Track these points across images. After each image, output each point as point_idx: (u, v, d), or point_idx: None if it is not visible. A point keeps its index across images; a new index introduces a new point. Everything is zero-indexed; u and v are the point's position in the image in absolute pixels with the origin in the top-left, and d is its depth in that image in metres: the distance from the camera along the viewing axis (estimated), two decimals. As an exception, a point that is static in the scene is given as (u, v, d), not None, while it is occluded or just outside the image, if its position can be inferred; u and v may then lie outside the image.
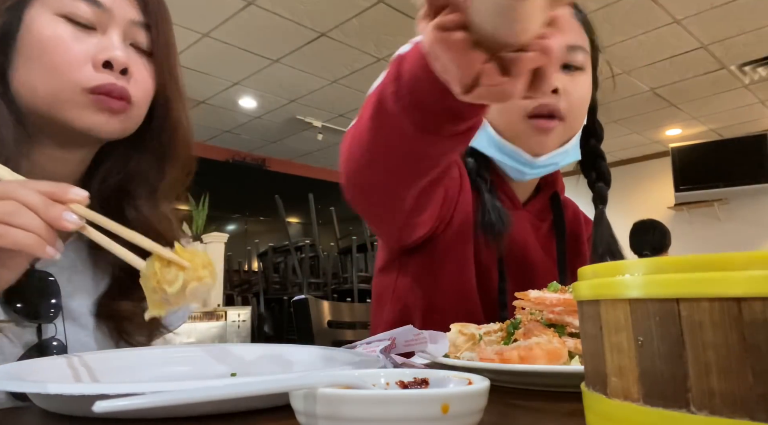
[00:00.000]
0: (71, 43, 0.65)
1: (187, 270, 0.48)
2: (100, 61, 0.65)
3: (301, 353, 0.65)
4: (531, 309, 0.65)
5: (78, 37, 0.66)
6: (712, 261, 0.26)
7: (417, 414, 0.30)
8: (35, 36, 0.65)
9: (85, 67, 0.65)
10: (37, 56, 0.65)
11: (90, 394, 0.37)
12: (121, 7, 0.68)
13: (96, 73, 0.66)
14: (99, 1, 0.67)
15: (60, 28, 0.65)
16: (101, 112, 0.66)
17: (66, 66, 0.65)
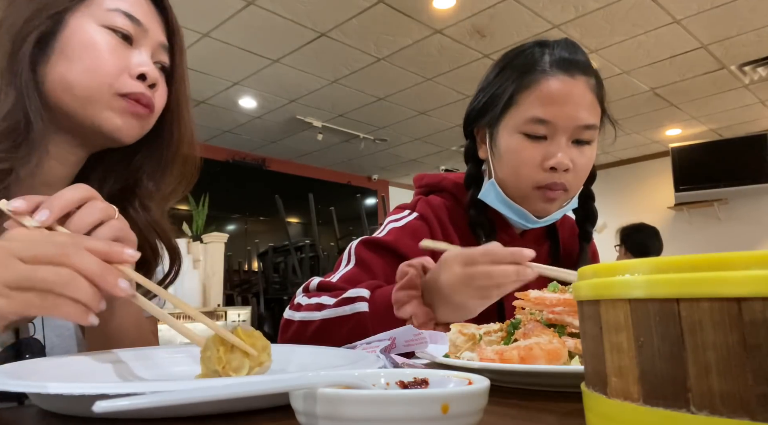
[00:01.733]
0: (112, 52, 0.71)
1: (250, 356, 0.49)
2: (136, 73, 0.72)
3: (300, 353, 0.65)
4: (531, 309, 0.65)
5: (117, 47, 0.72)
6: (712, 261, 0.26)
7: (417, 414, 0.30)
8: (79, 38, 0.70)
9: (122, 74, 0.72)
10: (78, 57, 0.70)
11: (90, 394, 0.37)
12: (154, 28, 0.76)
13: (131, 81, 0.72)
14: (138, 19, 0.74)
15: (103, 37, 0.71)
16: (129, 116, 0.73)
17: (106, 70, 0.70)
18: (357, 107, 5.04)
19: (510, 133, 0.96)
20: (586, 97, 0.94)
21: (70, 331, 0.74)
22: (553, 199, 0.96)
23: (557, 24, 3.57)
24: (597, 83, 0.97)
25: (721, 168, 5.89)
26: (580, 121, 0.93)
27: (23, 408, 0.51)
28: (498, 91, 0.98)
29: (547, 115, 0.92)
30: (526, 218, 0.99)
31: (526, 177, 0.95)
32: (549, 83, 0.93)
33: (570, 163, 0.93)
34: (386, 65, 4.12)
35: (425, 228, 1.00)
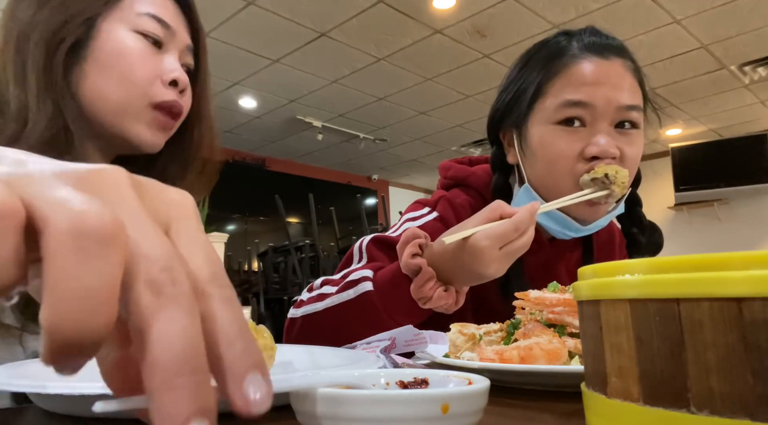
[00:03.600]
0: (144, 58, 0.71)
1: None
2: (168, 79, 0.72)
3: (300, 353, 0.65)
4: (531, 309, 0.65)
5: (148, 52, 0.72)
6: (712, 261, 0.26)
7: (417, 415, 0.30)
8: (112, 46, 0.70)
9: (156, 82, 0.72)
10: (112, 65, 0.70)
11: (90, 394, 0.37)
12: (181, 31, 0.77)
13: (164, 89, 0.72)
14: (167, 23, 0.74)
15: (135, 42, 0.71)
16: (158, 130, 0.73)
17: (141, 78, 0.70)
18: (357, 107, 5.04)
19: (541, 125, 0.85)
20: (625, 77, 0.84)
21: None
22: (600, 201, 0.82)
23: (557, 24, 3.57)
24: (635, 66, 0.88)
25: (721, 168, 5.89)
26: (622, 101, 0.82)
27: (23, 408, 0.51)
28: (523, 85, 0.89)
29: (583, 96, 0.81)
30: (567, 226, 0.86)
31: (565, 172, 0.82)
32: (581, 65, 0.83)
33: (617, 151, 0.81)
34: (386, 65, 4.12)
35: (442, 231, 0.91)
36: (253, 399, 0.22)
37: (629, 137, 0.84)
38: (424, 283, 0.72)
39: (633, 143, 0.84)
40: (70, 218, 0.17)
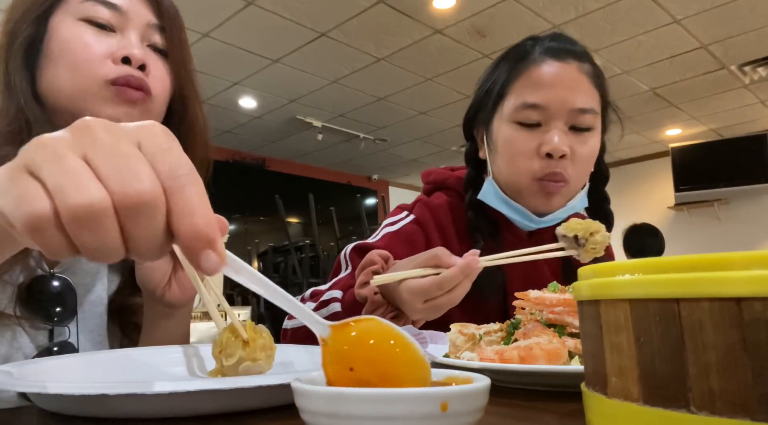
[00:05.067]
0: (92, 42, 0.69)
1: (246, 349, 0.50)
2: (119, 57, 0.70)
3: (300, 352, 0.65)
4: (531, 309, 0.65)
5: (98, 37, 0.70)
6: (712, 261, 0.26)
7: (416, 412, 0.30)
8: (58, 39, 0.69)
9: (105, 62, 0.69)
10: (60, 56, 0.69)
11: (90, 394, 0.37)
12: (138, 10, 0.73)
13: (115, 66, 0.69)
14: (116, 5, 0.71)
15: (82, 30, 0.69)
16: (122, 104, 0.70)
17: (88, 62, 0.68)
18: (357, 107, 5.03)
19: (503, 124, 0.93)
20: (580, 80, 0.90)
21: (102, 337, 0.76)
22: (553, 193, 0.90)
23: (557, 24, 3.57)
24: (594, 71, 0.93)
25: (721, 168, 5.89)
26: (574, 104, 0.88)
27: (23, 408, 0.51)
28: (491, 85, 0.97)
29: (538, 99, 0.89)
30: (526, 217, 0.94)
31: (522, 167, 0.90)
32: (539, 68, 0.90)
33: (567, 149, 0.88)
34: (386, 65, 4.12)
35: (420, 233, 0.97)
36: (207, 268, 0.30)
37: (582, 137, 0.90)
38: (372, 312, 0.75)
39: (585, 143, 0.90)
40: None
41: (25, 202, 0.28)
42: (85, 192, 0.27)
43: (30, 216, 0.28)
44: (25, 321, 0.68)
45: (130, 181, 0.28)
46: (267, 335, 0.53)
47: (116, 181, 0.28)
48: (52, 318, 0.69)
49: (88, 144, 0.29)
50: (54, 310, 0.69)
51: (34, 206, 0.28)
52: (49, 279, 0.69)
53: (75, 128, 0.30)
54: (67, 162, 0.28)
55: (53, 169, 0.28)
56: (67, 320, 0.71)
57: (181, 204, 0.29)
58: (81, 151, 0.29)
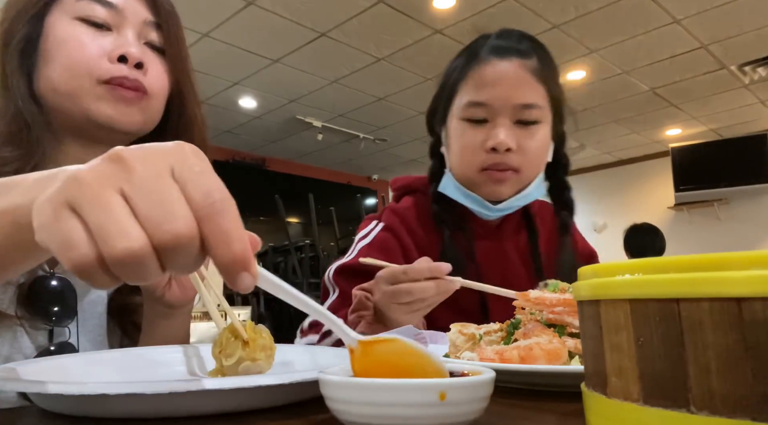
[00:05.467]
0: (88, 41, 0.69)
1: (246, 349, 0.50)
2: (115, 55, 0.69)
3: (300, 353, 0.65)
4: (531, 309, 0.65)
5: (94, 36, 0.70)
6: (712, 261, 0.26)
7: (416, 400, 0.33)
8: (54, 38, 0.69)
9: (101, 61, 0.69)
10: (56, 56, 0.68)
11: (90, 394, 0.37)
12: (134, 8, 0.72)
13: (111, 65, 0.69)
14: (112, 3, 0.71)
15: (77, 29, 0.69)
16: (117, 102, 0.69)
17: (83, 61, 0.68)
18: (357, 107, 5.03)
19: (454, 120, 0.99)
20: (523, 77, 0.94)
21: (102, 337, 0.76)
22: (502, 180, 0.95)
23: (557, 24, 3.57)
24: (540, 66, 0.96)
25: (721, 168, 5.89)
26: (517, 100, 0.93)
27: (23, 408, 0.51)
28: (445, 84, 1.03)
29: (482, 97, 0.94)
30: (482, 205, 0.99)
31: (470, 160, 0.96)
32: (483, 68, 0.96)
33: (511, 143, 0.92)
34: (386, 65, 4.12)
35: (392, 239, 1.02)
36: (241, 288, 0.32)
37: (528, 131, 0.95)
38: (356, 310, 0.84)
39: (532, 136, 0.95)
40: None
41: (71, 248, 0.29)
42: (126, 238, 0.29)
43: (76, 262, 0.29)
44: (26, 322, 0.67)
45: (168, 222, 0.30)
46: (267, 335, 0.53)
47: (154, 223, 0.30)
48: (52, 318, 0.69)
49: (124, 179, 0.31)
50: (54, 310, 0.69)
51: (80, 252, 0.29)
52: (49, 279, 0.69)
53: (110, 160, 0.31)
54: (107, 203, 0.30)
55: (95, 211, 0.30)
56: (67, 320, 0.70)
57: (218, 232, 0.31)
58: (118, 187, 0.30)
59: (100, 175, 0.31)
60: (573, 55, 3.99)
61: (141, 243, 0.29)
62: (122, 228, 0.29)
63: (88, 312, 0.75)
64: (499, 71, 0.94)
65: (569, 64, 4.15)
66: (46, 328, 0.69)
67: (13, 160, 0.65)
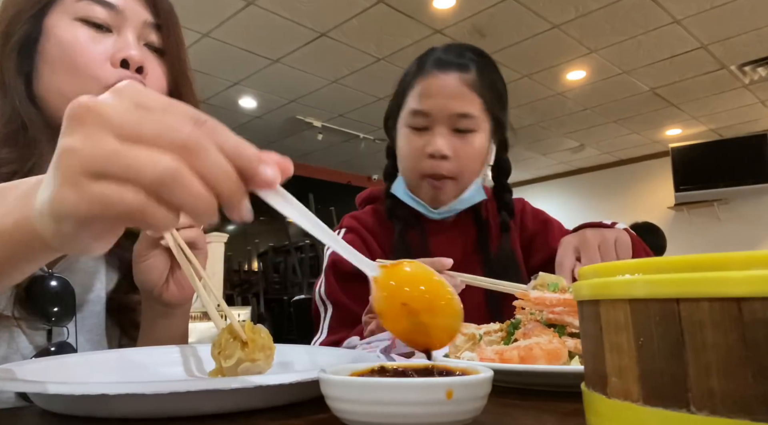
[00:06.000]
0: (90, 44, 0.69)
1: (245, 349, 0.50)
2: (117, 59, 0.69)
3: (300, 353, 0.65)
4: (531, 309, 0.65)
5: (95, 38, 0.69)
6: (712, 261, 0.26)
7: (424, 399, 0.34)
8: (56, 40, 0.68)
9: (104, 65, 0.69)
10: (59, 59, 0.68)
11: (90, 394, 0.37)
12: (134, 9, 0.72)
13: (114, 70, 0.69)
14: (113, 4, 0.70)
15: (78, 31, 0.69)
16: None
17: (87, 65, 0.68)
18: (357, 107, 5.03)
19: (402, 127, 1.07)
20: (460, 89, 1.02)
21: (100, 337, 0.76)
22: (439, 188, 1.03)
23: (557, 24, 3.57)
24: (479, 79, 1.04)
25: (721, 168, 5.88)
26: (453, 110, 1.01)
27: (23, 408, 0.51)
28: (397, 92, 1.12)
29: (423, 107, 1.02)
30: (425, 208, 1.06)
31: (412, 166, 1.05)
32: (426, 79, 1.04)
33: (447, 150, 1.00)
34: (386, 65, 4.12)
35: (356, 239, 1.09)
36: (270, 175, 0.33)
37: (464, 139, 1.03)
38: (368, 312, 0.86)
39: (467, 144, 1.03)
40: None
41: (118, 201, 0.30)
42: (154, 159, 0.30)
43: (129, 209, 0.30)
44: (24, 322, 0.67)
45: (175, 130, 0.31)
46: (266, 335, 0.53)
47: (165, 139, 0.31)
48: (51, 318, 0.69)
49: (105, 124, 0.31)
50: (52, 310, 0.69)
51: (128, 198, 0.30)
52: (47, 279, 0.69)
53: (78, 119, 0.32)
54: (114, 149, 0.30)
55: (111, 160, 0.30)
56: (65, 320, 0.70)
57: (223, 137, 0.32)
58: (110, 133, 0.31)
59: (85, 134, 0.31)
60: (573, 55, 3.99)
61: (167, 160, 0.30)
62: (144, 155, 0.30)
63: (87, 311, 0.75)
64: (439, 83, 1.03)
65: (569, 64, 4.15)
66: (45, 328, 0.69)
67: (10, 161, 0.65)
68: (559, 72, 4.27)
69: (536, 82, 4.45)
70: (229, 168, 0.32)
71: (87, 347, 0.73)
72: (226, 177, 0.32)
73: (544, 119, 5.33)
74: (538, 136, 5.86)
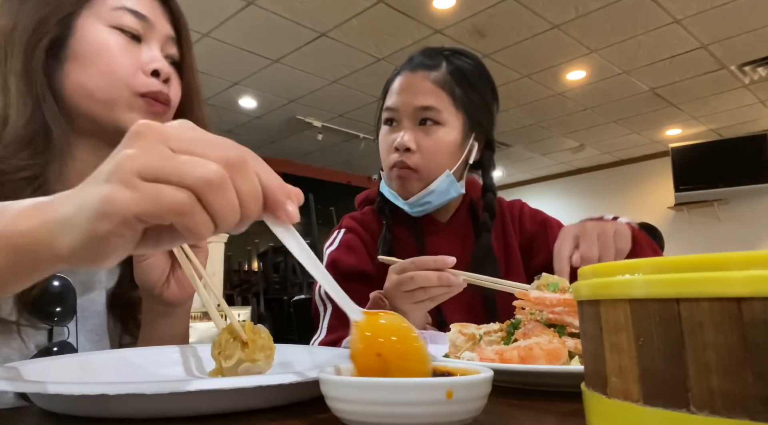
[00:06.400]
0: (124, 52, 0.72)
1: (245, 350, 0.51)
2: (149, 69, 0.72)
3: (300, 352, 0.65)
4: (531, 309, 0.65)
5: (128, 46, 0.72)
6: (712, 261, 0.26)
7: (424, 399, 0.34)
8: (90, 43, 0.70)
9: (137, 73, 0.72)
10: (93, 62, 0.70)
11: (90, 394, 0.37)
12: (160, 22, 0.76)
13: (146, 79, 0.72)
14: (145, 15, 0.73)
15: (113, 38, 0.71)
16: (148, 115, 0.73)
17: (122, 71, 0.71)
18: (357, 107, 5.03)
19: (381, 126, 1.14)
20: (423, 85, 1.08)
21: (101, 336, 0.76)
22: (402, 178, 1.07)
23: (557, 24, 3.57)
24: (448, 77, 1.09)
25: (721, 168, 5.88)
26: (417, 103, 1.07)
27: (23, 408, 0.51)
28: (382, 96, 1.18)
29: (391, 103, 1.10)
30: (397, 199, 1.11)
31: (384, 159, 1.11)
32: (397, 79, 1.12)
33: (410, 144, 1.05)
34: (386, 65, 4.12)
35: (355, 238, 1.13)
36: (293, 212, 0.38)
37: (427, 131, 1.07)
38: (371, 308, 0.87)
39: (429, 137, 1.07)
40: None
41: (166, 198, 0.34)
42: (203, 164, 0.34)
43: (175, 208, 0.34)
44: (25, 322, 0.67)
45: (222, 149, 0.36)
46: (266, 335, 0.53)
47: (213, 153, 0.35)
48: (52, 318, 0.69)
49: (162, 139, 0.35)
50: (53, 310, 0.69)
51: (176, 197, 0.34)
52: (49, 279, 0.69)
53: (138, 136, 0.36)
54: (168, 154, 0.35)
55: (165, 162, 0.34)
56: (66, 320, 0.70)
57: (261, 167, 0.37)
58: (165, 144, 0.35)
59: (144, 144, 0.35)
60: (573, 55, 3.99)
61: (215, 166, 0.34)
62: (195, 160, 0.34)
63: (87, 311, 0.75)
64: (406, 81, 1.10)
65: (569, 64, 4.15)
66: (46, 328, 0.69)
67: (29, 166, 0.65)
68: (559, 72, 4.27)
69: (536, 82, 4.45)
70: (260, 192, 0.36)
71: (88, 347, 0.73)
72: (255, 199, 0.36)
73: (544, 119, 5.33)
74: (538, 136, 5.87)
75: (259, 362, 0.51)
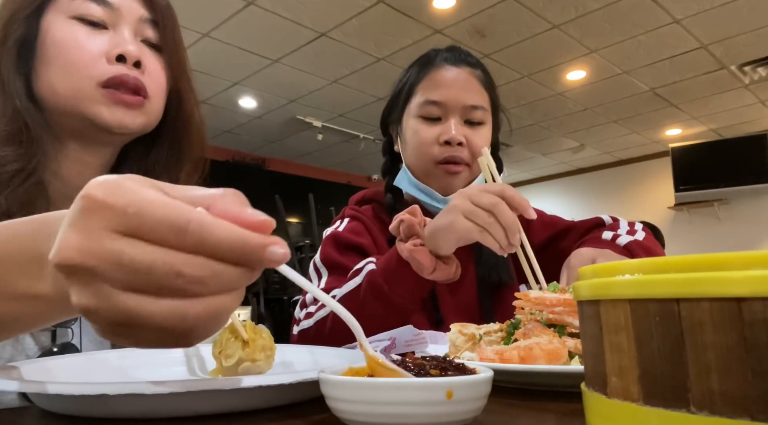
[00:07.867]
0: (85, 42, 0.68)
1: (245, 349, 0.50)
2: (113, 55, 0.69)
3: (301, 352, 0.65)
4: (531, 309, 0.65)
5: (91, 35, 0.69)
6: (712, 261, 0.26)
7: (424, 399, 0.34)
8: (51, 39, 0.68)
9: (99, 61, 0.68)
10: (54, 57, 0.68)
11: (90, 394, 0.37)
12: (129, 6, 0.72)
13: (110, 66, 0.68)
14: (107, 1, 0.70)
15: (74, 29, 0.68)
16: (117, 106, 0.69)
17: (81, 63, 0.67)
18: (357, 107, 5.03)
19: (411, 119, 1.09)
20: (472, 82, 1.07)
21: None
22: (456, 172, 1.05)
23: (557, 24, 3.57)
24: (485, 77, 1.10)
25: (721, 168, 5.88)
26: (467, 101, 1.05)
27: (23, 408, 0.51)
28: (402, 87, 1.14)
29: (438, 97, 1.05)
30: (433, 196, 1.07)
31: (425, 153, 1.06)
32: (439, 72, 1.08)
33: (462, 138, 1.03)
34: (386, 65, 4.12)
35: (360, 225, 1.10)
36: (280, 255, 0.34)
37: (475, 130, 1.07)
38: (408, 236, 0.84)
39: (478, 135, 1.06)
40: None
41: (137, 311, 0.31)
42: (173, 278, 0.31)
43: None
44: None
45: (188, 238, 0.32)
46: (267, 335, 0.53)
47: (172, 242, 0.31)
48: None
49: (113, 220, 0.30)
50: None
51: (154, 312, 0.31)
52: None
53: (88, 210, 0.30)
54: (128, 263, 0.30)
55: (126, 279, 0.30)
56: (70, 321, 0.70)
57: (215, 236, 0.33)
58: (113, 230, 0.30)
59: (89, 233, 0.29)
60: (573, 55, 3.99)
61: (185, 279, 0.31)
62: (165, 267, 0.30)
63: None
64: (453, 75, 1.07)
65: (569, 64, 4.15)
66: (50, 329, 0.69)
67: (15, 159, 0.65)
68: (559, 72, 4.26)
69: (536, 82, 4.45)
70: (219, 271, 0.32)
71: (91, 348, 0.73)
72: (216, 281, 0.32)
73: (544, 119, 5.33)
74: (538, 136, 5.86)
75: (260, 362, 0.51)
